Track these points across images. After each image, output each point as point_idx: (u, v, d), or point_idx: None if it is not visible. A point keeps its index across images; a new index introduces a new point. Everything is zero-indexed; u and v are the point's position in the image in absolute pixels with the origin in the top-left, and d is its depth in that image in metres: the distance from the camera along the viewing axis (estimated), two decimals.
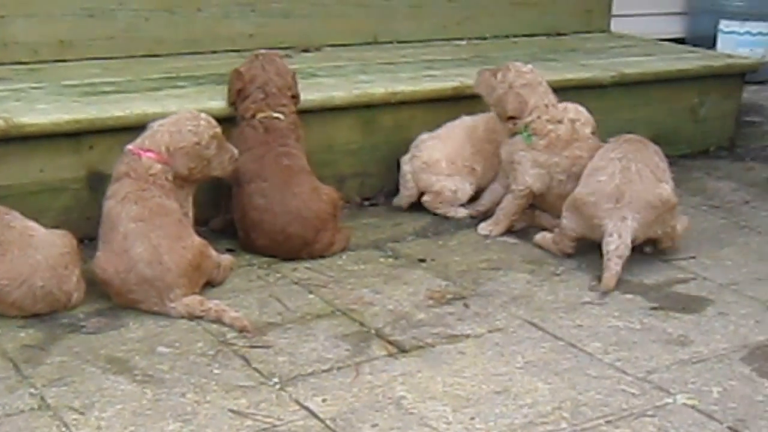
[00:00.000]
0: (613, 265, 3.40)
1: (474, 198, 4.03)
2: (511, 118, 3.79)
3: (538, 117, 3.78)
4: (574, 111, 3.89)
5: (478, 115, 4.06)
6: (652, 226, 3.53)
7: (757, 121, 5.78)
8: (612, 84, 4.59)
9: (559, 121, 3.79)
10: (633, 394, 2.77)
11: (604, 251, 3.43)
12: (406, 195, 4.02)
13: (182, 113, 3.35)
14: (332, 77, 4.25)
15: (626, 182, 3.50)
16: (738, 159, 4.99)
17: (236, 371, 2.81)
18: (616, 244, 3.42)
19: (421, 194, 4.01)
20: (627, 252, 3.43)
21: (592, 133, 3.88)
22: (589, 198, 3.52)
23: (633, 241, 3.45)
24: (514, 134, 3.81)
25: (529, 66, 3.85)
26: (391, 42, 5.03)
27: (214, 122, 3.35)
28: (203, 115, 3.35)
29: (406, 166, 3.99)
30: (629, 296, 3.38)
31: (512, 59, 4.61)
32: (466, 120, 4.08)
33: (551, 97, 3.83)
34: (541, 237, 3.75)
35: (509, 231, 3.85)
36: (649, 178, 3.55)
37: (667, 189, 3.57)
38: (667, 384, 2.82)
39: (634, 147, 3.66)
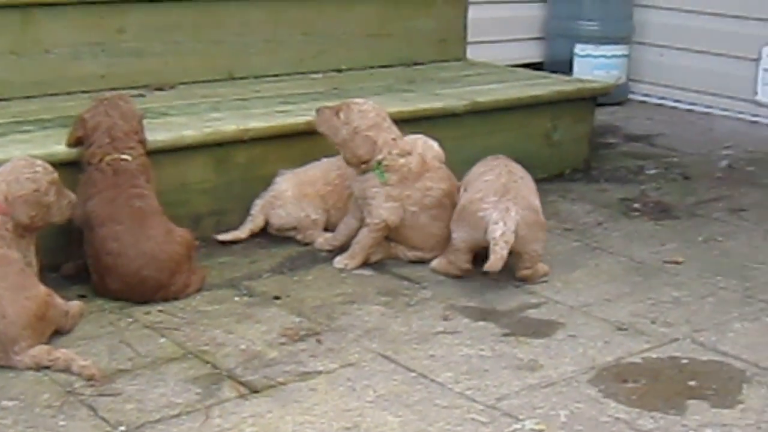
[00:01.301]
0: (499, 249, 3.48)
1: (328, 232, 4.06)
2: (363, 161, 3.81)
3: (389, 153, 3.81)
4: (422, 145, 3.95)
5: (337, 157, 4.07)
6: (529, 231, 3.62)
7: (612, 142, 5.93)
8: (465, 112, 4.65)
9: (409, 153, 3.83)
10: (482, 422, 2.79)
11: (490, 238, 3.52)
12: (248, 222, 4.07)
13: (16, 161, 3.29)
14: (184, 115, 4.22)
15: (512, 182, 3.70)
16: (593, 181, 5.09)
17: (82, 422, 2.75)
18: (502, 230, 3.51)
19: (265, 225, 4.09)
20: (511, 239, 3.52)
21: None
22: (475, 195, 3.66)
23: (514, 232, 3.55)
24: (365, 171, 3.82)
25: (369, 102, 3.88)
26: (246, 77, 5.01)
27: (50, 168, 3.30)
28: (39, 161, 3.29)
29: (258, 198, 4.04)
30: (481, 323, 3.41)
31: (368, 91, 4.69)
32: (324, 160, 4.11)
33: (396, 130, 3.87)
34: (437, 263, 3.80)
35: (365, 263, 3.86)
36: (530, 187, 3.78)
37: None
38: (516, 410, 2.86)
39: (509, 161, 3.88)
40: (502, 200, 3.61)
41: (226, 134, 4.04)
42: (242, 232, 4.07)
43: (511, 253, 3.57)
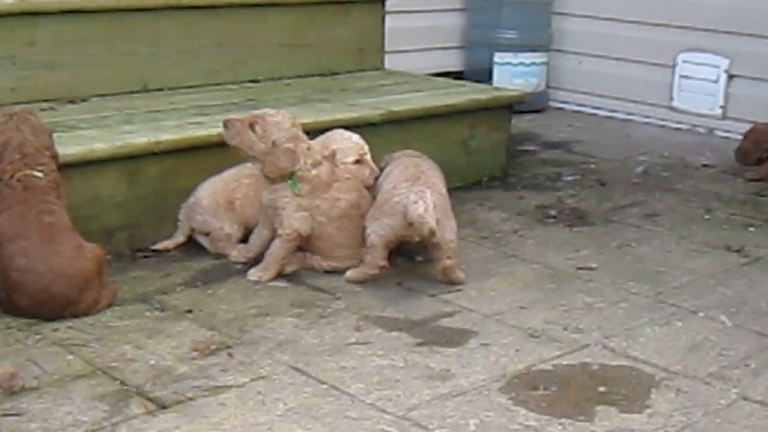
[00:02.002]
0: (429, 218, 3.57)
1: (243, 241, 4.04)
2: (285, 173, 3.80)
3: (304, 163, 3.80)
4: (340, 137, 4.00)
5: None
6: (443, 217, 3.70)
7: (531, 149, 5.97)
8: (381, 122, 4.65)
9: (320, 163, 3.82)
10: None
11: (414, 216, 3.56)
12: (179, 228, 4.09)
13: None
14: (95, 129, 4.17)
15: (421, 172, 3.85)
16: (510, 188, 5.12)
17: None
18: (424, 207, 3.58)
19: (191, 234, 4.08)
20: (434, 216, 3.59)
21: (357, 161, 3.95)
22: (387, 187, 3.77)
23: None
24: (275, 181, 3.80)
25: (281, 112, 3.86)
26: (161, 89, 4.96)
27: None
28: None
29: (184, 202, 4.08)
30: (395, 333, 3.41)
31: (284, 101, 4.68)
32: (238, 167, 4.08)
33: (307, 139, 3.86)
34: (351, 272, 3.80)
35: (280, 275, 3.84)
36: (439, 176, 3.96)
37: None
38: (426, 420, 2.86)
39: (415, 155, 4.09)
40: (415, 185, 3.72)
41: (137, 147, 3.99)
42: (178, 239, 4.07)
43: (427, 245, 3.70)
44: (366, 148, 4.04)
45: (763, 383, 3.14)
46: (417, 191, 3.67)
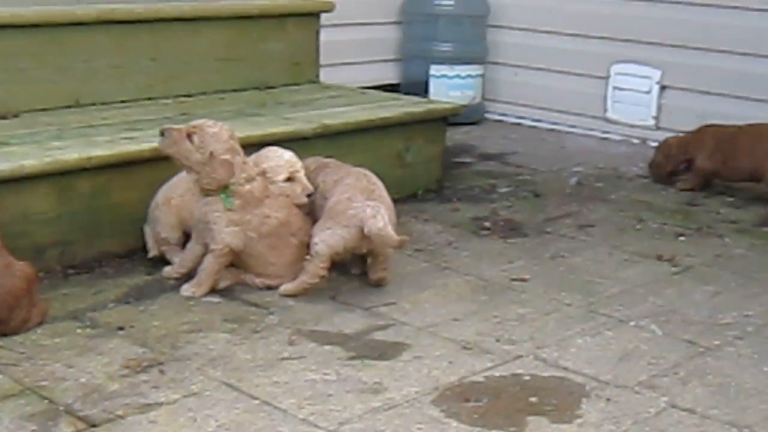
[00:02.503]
0: (389, 231, 3.68)
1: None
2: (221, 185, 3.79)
3: (239, 177, 3.79)
4: (272, 155, 4.00)
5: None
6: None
7: (467, 161, 6.00)
8: (315, 136, 4.65)
9: (253, 179, 3.81)
10: None
11: (374, 230, 3.65)
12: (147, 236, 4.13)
13: None
14: (26, 144, 4.12)
15: (371, 184, 3.90)
16: (445, 201, 5.15)
17: None
18: (383, 221, 3.67)
19: None
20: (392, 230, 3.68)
21: (288, 179, 3.95)
22: (342, 196, 3.79)
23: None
24: (208, 193, 3.79)
25: (219, 124, 3.84)
26: (94, 104, 4.92)
27: None
28: None
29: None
30: (328, 348, 3.41)
31: (218, 116, 4.66)
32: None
33: (243, 154, 3.85)
34: (286, 287, 3.81)
35: (213, 290, 3.83)
36: (386, 193, 3.95)
37: None
38: None
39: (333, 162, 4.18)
40: (370, 199, 3.78)
41: (67, 163, 3.96)
42: (156, 249, 4.07)
43: (367, 255, 3.82)
44: (299, 165, 4.02)
45: (691, 391, 3.18)
46: (374, 206, 3.73)
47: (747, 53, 6.10)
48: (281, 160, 4.00)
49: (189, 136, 3.78)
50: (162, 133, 3.81)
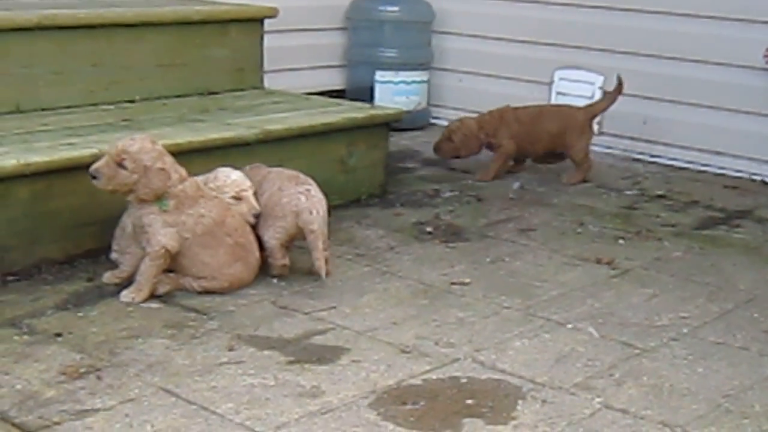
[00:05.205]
0: (320, 245, 3.91)
1: None
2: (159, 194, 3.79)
3: (170, 178, 3.79)
4: (222, 175, 4.07)
5: None
6: (326, 211, 4.00)
7: (411, 167, 6.03)
8: (257, 141, 4.65)
9: (185, 179, 3.82)
10: None
11: (307, 229, 3.92)
12: None
13: None
14: None
15: (295, 172, 4.13)
16: (388, 206, 5.17)
17: None
18: (318, 222, 3.92)
19: None
20: (325, 228, 3.97)
21: (235, 197, 3.97)
22: (272, 190, 4.02)
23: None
24: (144, 202, 3.79)
25: (137, 136, 3.82)
26: (34, 110, 4.89)
27: None
28: None
29: None
30: (267, 352, 3.42)
31: (160, 121, 4.66)
32: None
33: (168, 154, 3.86)
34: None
35: (153, 296, 3.82)
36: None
37: None
38: None
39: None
40: (299, 184, 4.01)
41: (6, 169, 3.93)
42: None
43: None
44: (246, 185, 4.03)
45: (626, 392, 3.22)
46: (304, 191, 3.99)
47: (690, 59, 6.19)
48: (228, 179, 4.03)
49: (120, 164, 3.75)
50: (94, 176, 3.76)
